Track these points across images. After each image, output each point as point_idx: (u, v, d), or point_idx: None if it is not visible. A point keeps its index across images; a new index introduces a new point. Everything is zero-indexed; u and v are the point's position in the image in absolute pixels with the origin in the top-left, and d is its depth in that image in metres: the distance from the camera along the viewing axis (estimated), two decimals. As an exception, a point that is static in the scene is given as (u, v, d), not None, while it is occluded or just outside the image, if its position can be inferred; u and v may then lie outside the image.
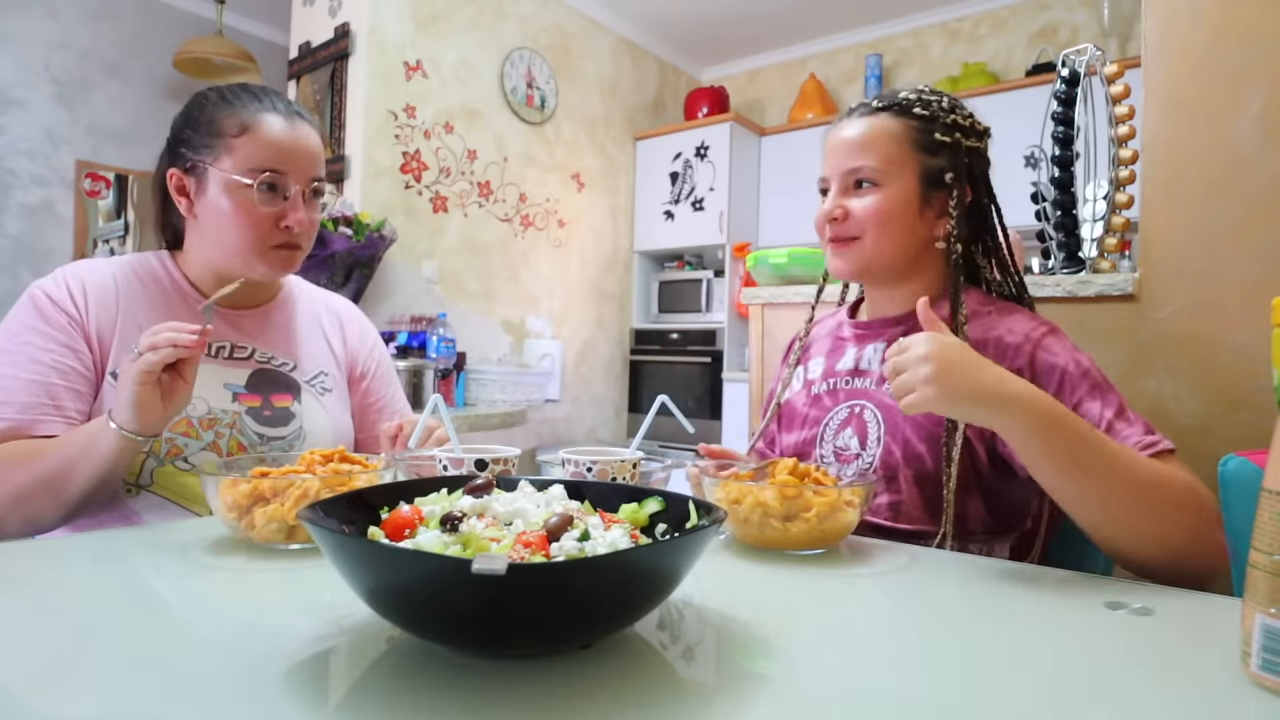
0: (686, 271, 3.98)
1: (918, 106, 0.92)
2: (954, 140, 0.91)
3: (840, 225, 0.93)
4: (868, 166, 0.90)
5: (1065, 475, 0.68)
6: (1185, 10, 1.15)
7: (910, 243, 0.92)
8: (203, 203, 0.94)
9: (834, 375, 0.98)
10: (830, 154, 0.95)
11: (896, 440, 0.88)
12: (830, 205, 0.93)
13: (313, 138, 0.97)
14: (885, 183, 0.90)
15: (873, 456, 0.90)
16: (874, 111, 0.93)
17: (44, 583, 0.59)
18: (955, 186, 0.91)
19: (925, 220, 0.92)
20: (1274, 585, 0.42)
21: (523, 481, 0.58)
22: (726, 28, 3.91)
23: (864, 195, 0.91)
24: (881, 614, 0.59)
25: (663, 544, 0.48)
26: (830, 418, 0.96)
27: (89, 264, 0.97)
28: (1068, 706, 0.42)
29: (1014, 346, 0.85)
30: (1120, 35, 3.02)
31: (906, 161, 0.91)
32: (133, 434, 0.78)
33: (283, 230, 0.94)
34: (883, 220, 0.90)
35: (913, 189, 0.91)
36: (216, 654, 0.46)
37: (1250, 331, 1.10)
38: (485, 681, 0.41)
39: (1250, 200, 1.10)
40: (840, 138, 0.94)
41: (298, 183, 0.94)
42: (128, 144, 3.27)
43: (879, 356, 0.94)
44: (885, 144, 0.90)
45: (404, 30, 2.82)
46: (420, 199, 2.91)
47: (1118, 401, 0.79)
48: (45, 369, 0.87)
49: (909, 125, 0.91)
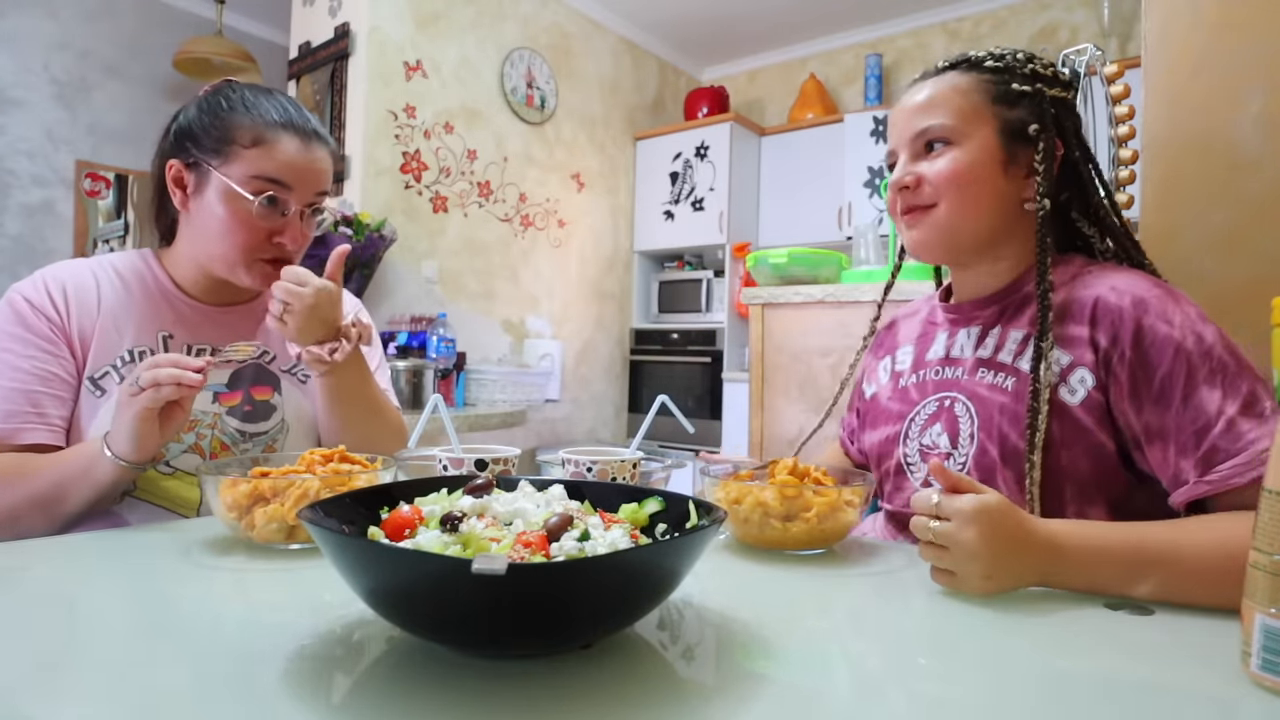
0: (686, 271, 3.98)
1: (990, 60, 0.81)
2: (1035, 90, 0.79)
3: (913, 194, 0.81)
4: (937, 125, 0.79)
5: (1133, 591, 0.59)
6: (1185, 10, 1.15)
7: (996, 206, 0.80)
8: (199, 202, 0.92)
9: (924, 366, 0.88)
10: (895, 123, 0.85)
11: (992, 437, 0.77)
12: (900, 173, 0.82)
13: (325, 160, 0.95)
14: (959, 140, 0.79)
15: (965, 456, 0.78)
16: (939, 72, 0.83)
17: (43, 582, 0.59)
18: (1042, 140, 0.78)
19: (1012, 180, 0.80)
20: (1274, 585, 0.42)
21: (523, 481, 0.58)
22: (726, 28, 3.91)
23: (936, 158, 0.80)
24: (881, 614, 0.59)
25: (663, 544, 0.48)
26: (916, 413, 0.85)
27: (69, 265, 0.96)
28: (1068, 706, 0.42)
29: (1115, 309, 0.72)
30: (1120, 35, 3.02)
31: (982, 115, 0.79)
32: (131, 464, 0.78)
33: (274, 245, 0.93)
34: (961, 182, 0.78)
35: (993, 144, 0.79)
36: (216, 654, 0.46)
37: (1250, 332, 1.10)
38: (485, 681, 0.41)
39: (1250, 200, 1.10)
40: (904, 105, 0.84)
41: (299, 202, 0.93)
42: (128, 144, 3.27)
43: (972, 343, 0.84)
44: (955, 99, 0.80)
45: (404, 30, 2.82)
46: (420, 199, 2.91)
47: (1247, 390, 0.65)
48: (26, 376, 0.86)
49: (981, 79, 0.80)
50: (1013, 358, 0.79)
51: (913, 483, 0.83)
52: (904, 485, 0.84)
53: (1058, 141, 0.80)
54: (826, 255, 1.84)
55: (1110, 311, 0.72)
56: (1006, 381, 0.78)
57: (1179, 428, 0.66)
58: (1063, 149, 0.81)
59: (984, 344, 0.82)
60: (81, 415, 0.89)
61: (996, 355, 0.80)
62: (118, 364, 0.92)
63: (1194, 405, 0.66)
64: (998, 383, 0.78)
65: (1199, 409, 0.65)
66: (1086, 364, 0.72)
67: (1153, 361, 0.68)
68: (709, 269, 3.90)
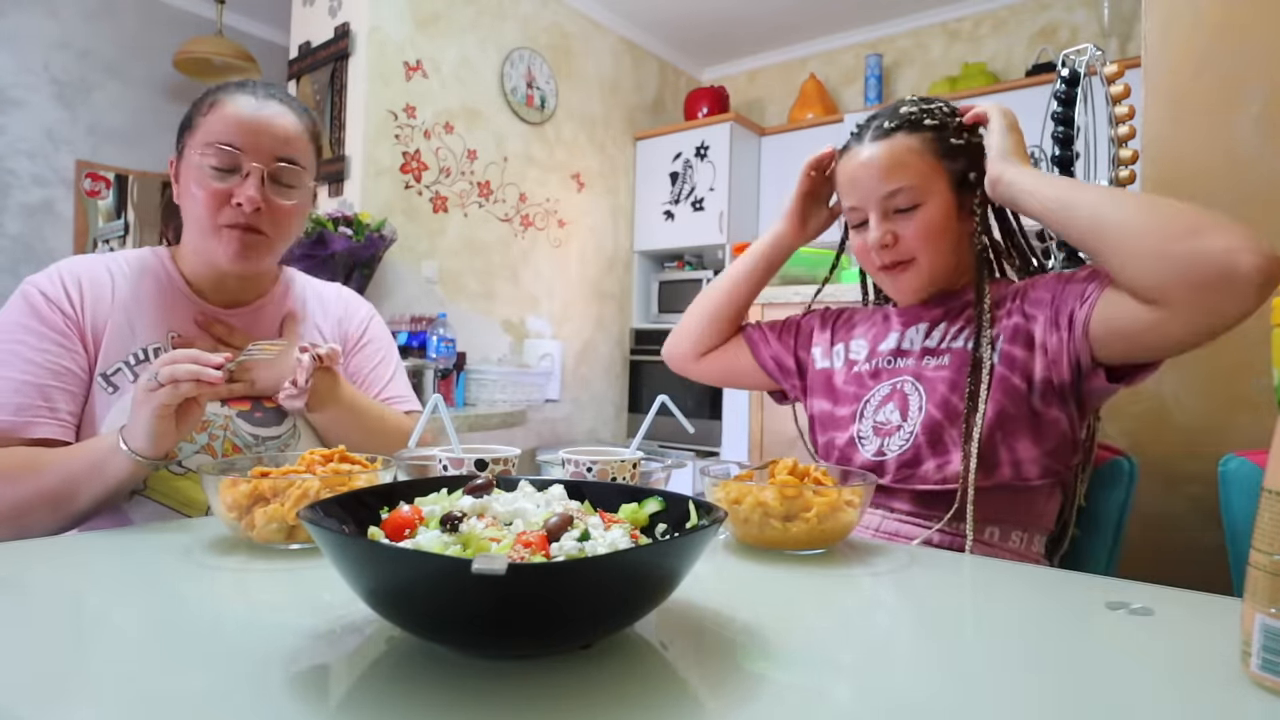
0: (686, 271, 3.97)
1: (926, 118, 0.93)
2: (967, 141, 0.94)
3: (893, 251, 0.94)
4: (905, 187, 0.92)
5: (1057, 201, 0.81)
6: (1185, 10, 1.15)
7: (957, 245, 0.96)
8: (180, 185, 0.94)
9: (876, 355, 1.01)
10: (855, 182, 0.95)
11: (936, 403, 0.90)
12: (879, 234, 0.93)
13: (283, 118, 0.93)
14: (924, 199, 0.92)
15: (914, 425, 0.91)
16: (888, 133, 0.93)
17: (43, 583, 0.59)
18: (978, 184, 0.93)
19: (963, 221, 0.95)
20: (1274, 585, 0.42)
21: (523, 481, 0.58)
22: (726, 28, 3.91)
23: (908, 217, 0.93)
24: (881, 614, 0.59)
25: (663, 544, 0.48)
26: (871, 395, 0.98)
27: (85, 259, 0.96)
28: (1068, 706, 0.42)
29: (1021, 289, 0.92)
30: (1120, 35, 3.02)
31: (937, 171, 0.92)
32: (148, 460, 0.78)
33: (235, 209, 0.90)
34: (933, 236, 0.92)
35: (948, 196, 0.93)
36: (216, 654, 0.46)
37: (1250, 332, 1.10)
38: (485, 681, 0.41)
39: (1250, 200, 1.10)
40: (862, 164, 0.94)
41: (256, 161, 0.90)
42: (128, 144, 3.27)
43: (920, 336, 0.98)
44: (913, 160, 0.92)
45: (404, 30, 2.82)
46: (420, 199, 2.91)
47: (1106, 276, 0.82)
48: (39, 369, 0.86)
49: (925, 138, 0.93)
50: (949, 343, 0.94)
51: (862, 455, 0.95)
52: (853, 456, 0.96)
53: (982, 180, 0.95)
54: (826, 255, 1.84)
55: (1007, 294, 0.92)
56: (944, 359, 0.94)
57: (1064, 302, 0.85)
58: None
59: (930, 337, 0.97)
60: (94, 412, 0.89)
61: (940, 345, 0.95)
62: (130, 361, 0.91)
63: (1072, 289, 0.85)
64: (940, 363, 0.94)
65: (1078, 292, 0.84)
66: (1004, 330, 0.90)
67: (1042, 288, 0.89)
68: (709, 269, 3.89)
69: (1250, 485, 0.85)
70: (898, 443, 0.91)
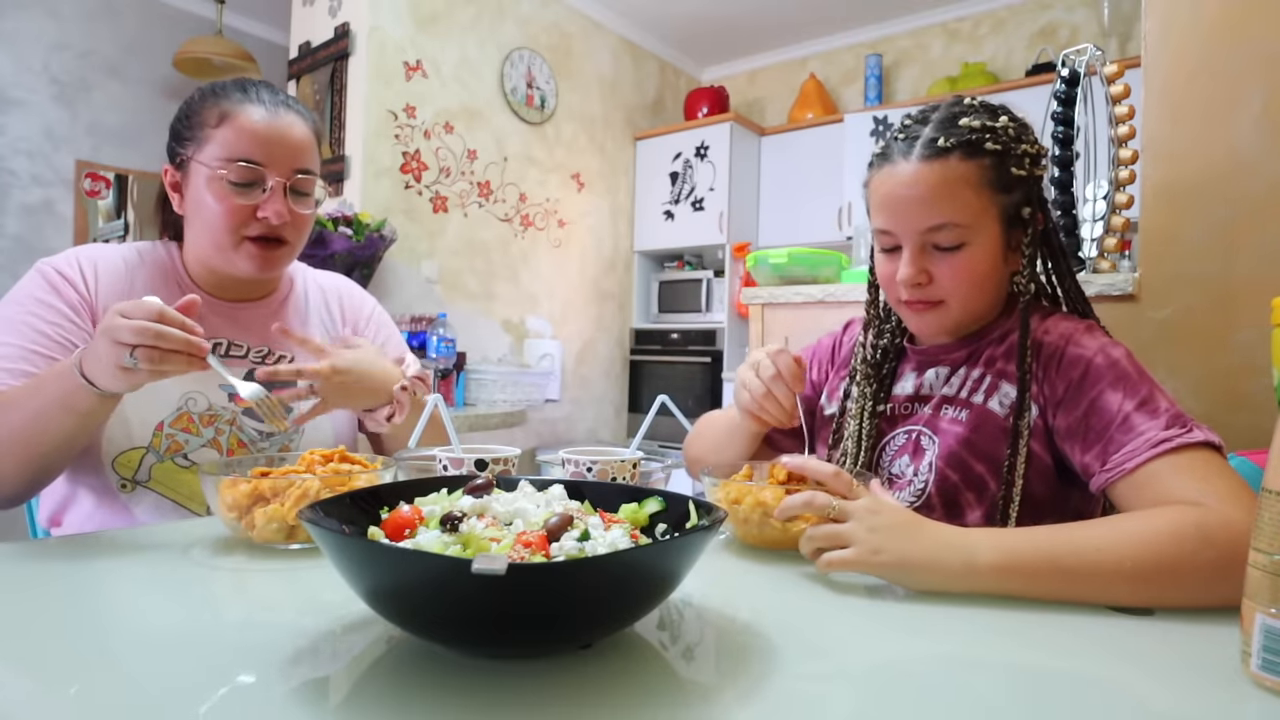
0: (686, 271, 3.98)
1: (989, 141, 0.78)
2: (1029, 173, 0.80)
3: (924, 290, 0.83)
4: (951, 225, 0.78)
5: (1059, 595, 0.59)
6: (1185, 10, 1.15)
7: (997, 288, 0.85)
8: (189, 197, 0.93)
9: (893, 400, 0.92)
10: (892, 207, 0.81)
11: (952, 465, 0.83)
12: (912, 271, 0.81)
13: (296, 128, 0.94)
14: (972, 239, 0.79)
15: (924, 481, 0.85)
16: (941, 153, 0.78)
17: (42, 583, 0.59)
18: (1031, 222, 0.81)
19: (1009, 263, 0.84)
20: (1274, 585, 0.42)
21: (523, 481, 0.58)
22: (726, 28, 3.91)
23: (948, 256, 0.80)
24: (881, 614, 0.59)
25: (663, 544, 0.48)
26: (886, 443, 0.91)
27: (101, 247, 0.97)
28: (1068, 707, 0.42)
29: (1050, 345, 0.80)
30: (1120, 35, 3.02)
31: (989, 209, 0.79)
32: (108, 393, 0.73)
33: (259, 221, 0.91)
34: (975, 281, 0.81)
35: (997, 235, 0.81)
36: (217, 654, 0.46)
37: (1250, 331, 1.10)
38: (485, 681, 0.41)
39: (1250, 200, 1.10)
40: (904, 185, 0.79)
41: (278, 174, 0.91)
42: (128, 144, 3.27)
43: (940, 382, 0.89)
44: (965, 194, 0.78)
45: (404, 30, 2.82)
46: (420, 199, 2.91)
47: (1145, 393, 0.72)
48: (49, 342, 0.86)
49: (983, 166, 0.78)
50: (969, 394, 0.85)
51: None
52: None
53: (1040, 215, 0.84)
54: (826, 255, 1.84)
55: (1046, 348, 0.81)
56: (961, 414, 0.85)
57: (1087, 426, 0.74)
58: (1043, 222, 0.85)
59: (949, 383, 0.88)
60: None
61: (959, 393, 0.86)
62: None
63: (1099, 407, 0.74)
64: (957, 416, 0.85)
65: (1103, 409, 0.73)
66: (1030, 394, 0.80)
67: (1069, 375, 0.78)
68: (709, 269, 3.90)
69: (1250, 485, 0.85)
70: (909, 498, 0.86)
